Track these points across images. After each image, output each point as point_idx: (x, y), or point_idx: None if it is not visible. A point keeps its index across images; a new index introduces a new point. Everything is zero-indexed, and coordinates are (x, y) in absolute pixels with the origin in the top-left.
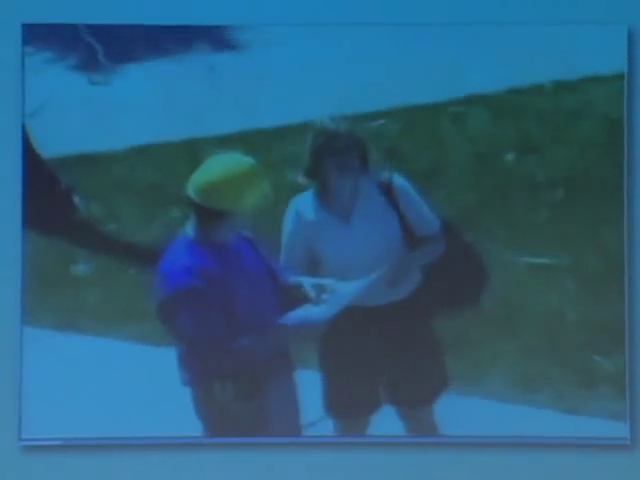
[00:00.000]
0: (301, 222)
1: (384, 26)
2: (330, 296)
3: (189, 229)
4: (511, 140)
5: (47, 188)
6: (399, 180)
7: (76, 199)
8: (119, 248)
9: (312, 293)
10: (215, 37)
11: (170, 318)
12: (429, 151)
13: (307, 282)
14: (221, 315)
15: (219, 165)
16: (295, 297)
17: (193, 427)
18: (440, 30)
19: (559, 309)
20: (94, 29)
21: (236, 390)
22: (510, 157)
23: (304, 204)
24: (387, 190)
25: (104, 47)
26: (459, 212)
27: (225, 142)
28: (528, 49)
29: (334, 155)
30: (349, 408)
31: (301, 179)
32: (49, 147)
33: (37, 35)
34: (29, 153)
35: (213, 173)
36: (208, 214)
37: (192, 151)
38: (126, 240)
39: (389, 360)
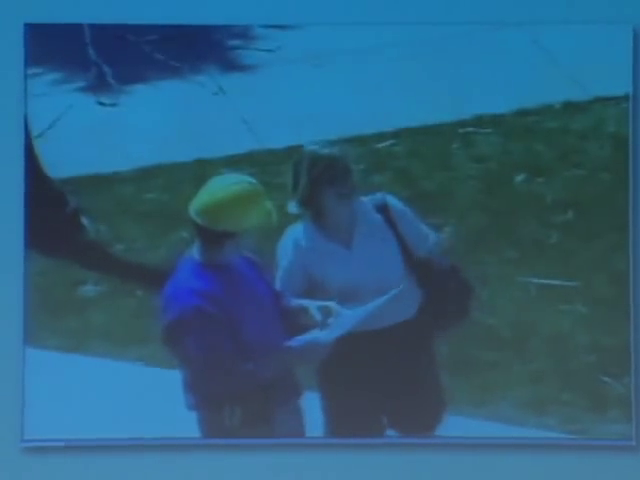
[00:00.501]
0: (300, 251)
1: (392, 47)
2: (334, 319)
3: (194, 251)
4: (521, 161)
5: (54, 209)
6: (393, 201)
7: (84, 220)
8: (126, 269)
9: (318, 316)
10: (224, 58)
11: (176, 341)
12: (438, 172)
13: (312, 305)
14: (227, 338)
15: (220, 186)
16: (300, 321)
17: (194, 428)
18: (448, 50)
19: (569, 331)
20: (102, 49)
21: (245, 416)
22: (519, 178)
23: (302, 233)
24: (383, 212)
25: (112, 68)
26: (468, 233)
27: (233, 163)
28: (537, 68)
29: (334, 182)
30: (351, 433)
31: (294, 208)
32: (57, 168)
33: (45, 56)
34: (36, 174)
35: (214, 194)
36: (212, 236)
37: (200, 172)
38: (134, 261)
39: (391, 384)
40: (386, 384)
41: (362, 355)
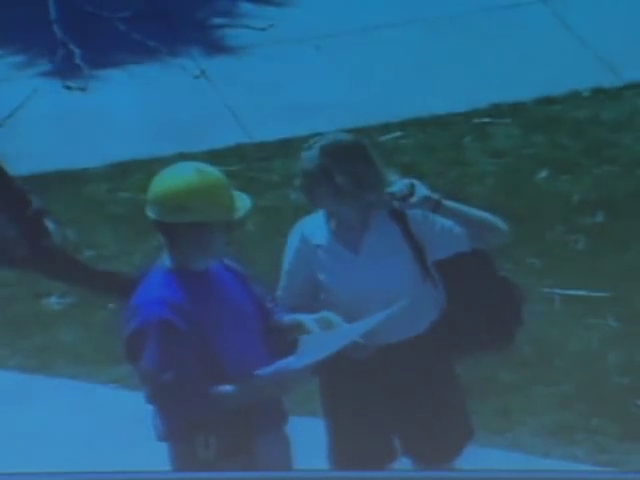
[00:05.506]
0: (307, 246)
1: (398, 25)
2: (309, 341)
3: (165, 258)
4: (543, 156)
5: (15, 210)
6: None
7: (48, 223)
8: (97, 279)
9: (316, 330)
10: (207, 38)
11: (134, 355)
12: (450, 168)
13: (308, 319)
14: (196, 356)
15: (173, 175)
16: (291, 338)
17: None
18: (461, 29)
19: (598, 349)
20: (70, 27)
21: (221, 446)
22: (542, 175)
23: (313, 227)
24: (400, 218)
25: (81, 48)
26: None
27: (219, 157)
28: (562, 50)
29: (303, 185)
30: (359, 461)
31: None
32: (18, 163)
33: (3, 35)
34: None
35: (166, 184)
36: (173, 233)
37: None
38: (105, 269)
39: (405, 406)
40: (400, 404)
41: (371, 371)
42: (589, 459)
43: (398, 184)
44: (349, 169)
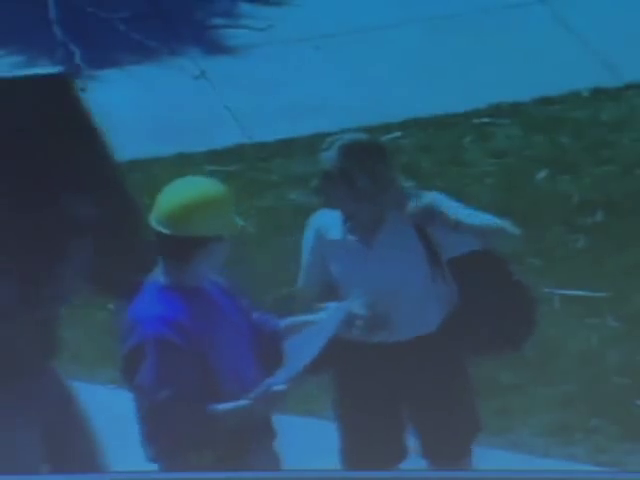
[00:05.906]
0: (321, 241)
1: (397, 26)
2: (292, 348)
3: (159, 274)
4: (543, 156)
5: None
6: (426, 199)
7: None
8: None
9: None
10: (206, 38)
11: (133, 372)
12: (449, 169)
13: (319, 314)
14: (194, 374)
15: (185, 188)
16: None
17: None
18: (460, 29)
19: (598, 349)
20: (69, 27)
21: (216, 458)
22: (542, 175)
23: (327, 222)
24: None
25: (81, 48)
26: None
27: (218, 158)
28: (561, 50)
29: (322, 186)
30: (370, 461)
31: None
32: None
33: (4, 35)
34: None
35: (180, 197)
36: (178, 248)
37: (181, 168)
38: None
39: (415, 404)
40: (409, 402)
41: (381, 370)
42: (589, 459)
43: (417, 200)
44: (369, 169)
